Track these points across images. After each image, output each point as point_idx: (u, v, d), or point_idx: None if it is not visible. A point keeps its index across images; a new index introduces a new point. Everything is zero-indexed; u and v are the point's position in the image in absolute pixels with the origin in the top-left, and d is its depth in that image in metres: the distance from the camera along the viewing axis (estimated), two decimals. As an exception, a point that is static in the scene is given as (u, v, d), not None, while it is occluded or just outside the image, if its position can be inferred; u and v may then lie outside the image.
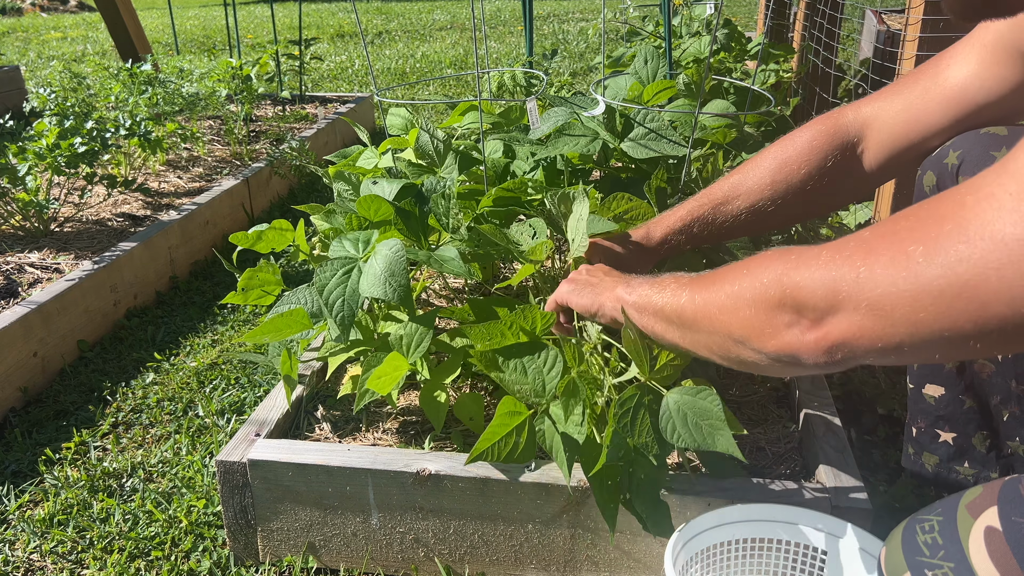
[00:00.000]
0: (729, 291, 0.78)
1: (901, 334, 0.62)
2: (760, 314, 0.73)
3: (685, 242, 1.21)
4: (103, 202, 2.59)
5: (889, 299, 0.61)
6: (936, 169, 0.98)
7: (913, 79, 1.05)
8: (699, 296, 0.83)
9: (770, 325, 0.72)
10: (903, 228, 0.62)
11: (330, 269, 1.19)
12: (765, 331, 0.73)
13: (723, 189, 1.18)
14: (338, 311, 1.17)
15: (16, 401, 1.76)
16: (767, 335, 0.73)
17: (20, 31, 8.57)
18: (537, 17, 8.58)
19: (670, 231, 1.20)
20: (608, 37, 3.52)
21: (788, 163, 1.12)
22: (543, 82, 2.20)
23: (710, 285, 0.83)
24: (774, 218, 1.16)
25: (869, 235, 0.65)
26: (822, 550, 1.05)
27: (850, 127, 1.09)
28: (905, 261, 0.60)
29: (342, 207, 1.44)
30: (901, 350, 0.63)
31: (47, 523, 1.40)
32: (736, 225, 1.17)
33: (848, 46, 3.16)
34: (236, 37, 4.03)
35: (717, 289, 0.81)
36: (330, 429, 1.37)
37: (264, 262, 1.39)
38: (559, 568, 1.21)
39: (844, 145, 1.09)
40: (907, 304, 0.60)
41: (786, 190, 1.12)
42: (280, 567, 1.27)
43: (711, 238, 1.21)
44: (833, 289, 0.65)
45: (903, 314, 0.60)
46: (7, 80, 4.11)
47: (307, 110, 3.87)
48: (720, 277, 0.82)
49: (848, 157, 1.09)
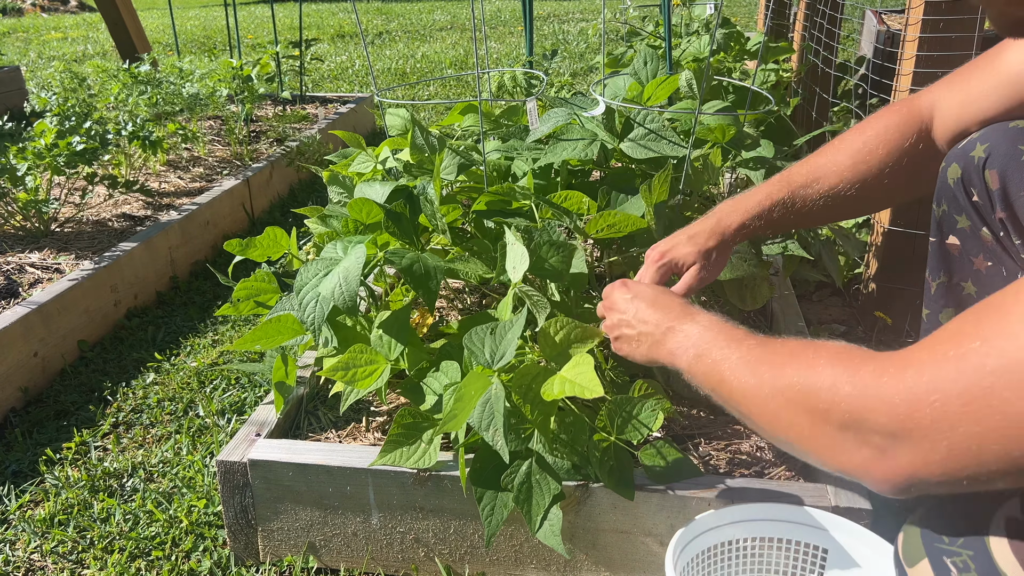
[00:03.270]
0: (784, 396, 0.73)
1: (971, 468, 0.58)
2: (824, 436, 0.68)
3: (763, 227, 1.15)
4: (103, 202, 2.59)
5: (970, 440, 0.57)
6: (962, 162, 0.96)
7: (975, 63, 1.03)
8: (751, 384, 0.78)
9: (836, 447, 0.68)
10: (970, 351, 0.58)
11: (311, 271, 1.20)
12: (829, 451, 0.69)
13: (802, 172, 1.14)
14: (310, 313, 1.17)
15: (17, 401, 1.76)
16: (834, 456, 0.69)
17: (21, 31, 8.57)
18: (537, 17, 8.58)
19: (748, 216, 1.14)
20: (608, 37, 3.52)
21: (868, 144, 1.09)
22: (543, 82, 2.20)
23: (761, 374, 0.77)
24: (854, 202, 1.12)
25: (927, 357, 0.61)
26: (823, 549, 1.05)
27: (924, 110, 1.07)
28: (984, 396, 0.56)
29: (335, 211, 1.44)
30: (968, 481, 0.59)
31: (48, 523, 1.40)
32: (815, 209, 1.13)
33: (848, 46, 3.16)
34: (236, 37, 4.03)
35: (772, 386, 0.75)
36: (331, 429, 1.37)
37: (259, 271, 1.39)
38: (559, 568, 1.21)
39: (920, 128, 1.07)
40: (988, 442, 0.56)
41: (866, 171, 1.09)
42: (280, 567, 1.27)
43: (789, 223, 1.16)
44: (904, 424, 0.61)
45: (985, 450, 0.57)
46: (7, 80, 4.11)
47: (307, 110, 3.87)
48: (769, 365, 0.77)
49: (925, 140, 1.07)
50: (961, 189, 0.94)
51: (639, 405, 1.14)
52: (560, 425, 1.14)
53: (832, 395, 0.67)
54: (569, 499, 1.15)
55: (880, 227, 1.83)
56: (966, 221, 0.95)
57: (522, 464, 1.12)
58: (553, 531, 1.10)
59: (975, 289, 0.97)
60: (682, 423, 1.36)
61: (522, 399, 1.08)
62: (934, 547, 0.69)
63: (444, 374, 1.22)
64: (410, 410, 1.18)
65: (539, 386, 1.08)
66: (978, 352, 0.56)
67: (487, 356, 1.09)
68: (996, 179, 0.89)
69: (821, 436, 0.68)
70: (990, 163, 0.91)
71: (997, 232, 0.92)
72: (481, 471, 1.13)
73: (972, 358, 0.57)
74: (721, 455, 1.29)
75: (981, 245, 0.94)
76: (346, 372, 1.20)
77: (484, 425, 1.04)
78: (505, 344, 1.09)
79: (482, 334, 1.10)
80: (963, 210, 0.95)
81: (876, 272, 1.86)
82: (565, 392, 1.04)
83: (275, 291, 1.39)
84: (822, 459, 0.70)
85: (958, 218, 0.96)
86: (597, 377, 1.04)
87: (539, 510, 1.10)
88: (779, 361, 0.76)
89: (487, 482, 1.12)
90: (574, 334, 1.14)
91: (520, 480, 1.11)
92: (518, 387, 1.08)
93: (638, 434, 1.13)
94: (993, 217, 0.91)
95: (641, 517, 1.15)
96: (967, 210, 0.95)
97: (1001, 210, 0.90)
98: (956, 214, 0.96)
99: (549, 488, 1.11)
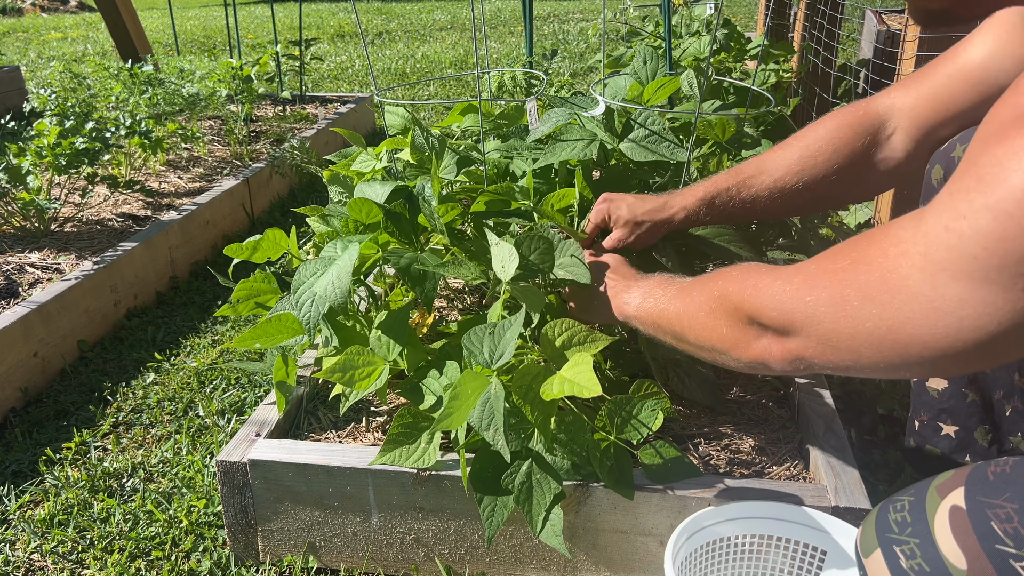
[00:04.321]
0: (707, 307, 0.91)
1: (847, 359, 0.72)
2: (735, 330, 0.86)
3: (706, 215, 1.23)
4: (103, 202, 2.59)
5: (834, 334, 0.72)
6: (944, 163, 0.98)
7: (935, 65, 1.06)
8: (684, 307, 0.96)
9: (743, 339, 0.85)
10: (840, 269, 0.72)
11: (308, 271, 1.20)
12: (739, 344, 0.85)
13: (751, 165, 1.20)
14: (306, 312, 1.18)
15: (16, 401, 1.76)
16: (741, 347, 0.85)
17: (20, 31, 8.57)
18: (537, 17, 8.58)
19: (692, 200, 1.23)
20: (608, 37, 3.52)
21: (818, 140, 1.14)
22: (543, 82, 2.20)
23: (693, 296, 0.95)
24: (800, 198, 1.17)
25: (815, 269, 0.76)
26: (821, 550, 1.05)
27: (880, 113, 1.11)
28: (843, 304, 0.71)
29: (335, 211, 1.44)
30: (850, 370, 0.74)
31: (47, 523, 1.40)
32: (760, 202, 1.19)
33: (848, 46, 3.16)
34: (236, 37, 4.03)
35: (699, 303, 0.93)
36: (331, 429, 1.37)
37: (259, 272, 1.39)
38: (559, 568, 1.21)
39: (873, 130, 1.10)
40: (848, 339, 0.71)
41: (813, 168, 1.14)
42: (280, 567, 1.27)
43: (735, 214, 1.22)
44: (789, 318, 0.77)
45: (847, 345, 0.71)
46: (7, 80, 4.11)
47: (307, 110, 3.87)
48: (699, 289, 0.95)
49: (878, 143, 1.11)
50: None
51: (639, 405, 1.14)
52: (560, 425, 1.14)
53: (740, 297, 0.84)
54: (569, 499, 1.15)
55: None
56: None
57: (522, 464, 1.12)
58: (555, 532, 1.10)
59: None
60: (682, 423, 1.36)
61: (522, 399, 1.08)
62: (885, 536, 0.73)
63: (444, 374, 1.22)
64: (410, 410, 1.18)
65: (539, 386, 1.08)
66: (845, 270, 0.71)
67: (486, 356, 1.09)
68: None
69: (733, 331, 0.85)
70: None
71: None
72: (481, 472, 1.13)
73: (840, 275, 0.72)
74: (721, 455, 1.29)
75: None
76: (344, 373, 1.20)
77: (485, 425, 1.04)
78: (504, 344, 1.09)
79: (481, 334, 1.11)
80: None
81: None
82: (564, 392, 1.04)
83: (274, 292, 1.39)
84: (736, 353, 0.86)
85: None
86: (596, 377, 1.04)
87: (540, 510, 1.10)
88: (704, 281, 0.95)
89: (487, 482, 1.12)
90: (577, 337, 1.14)
91: (520, 480, 1.11)
92: (518, 387, 1.08)
93: (638, 434, 1.13)
94: None
95: (641, 517, 1.15)
96: None
97: None
98: None
99: (550, 488, 1.11)
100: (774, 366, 0.81)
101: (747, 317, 0.83)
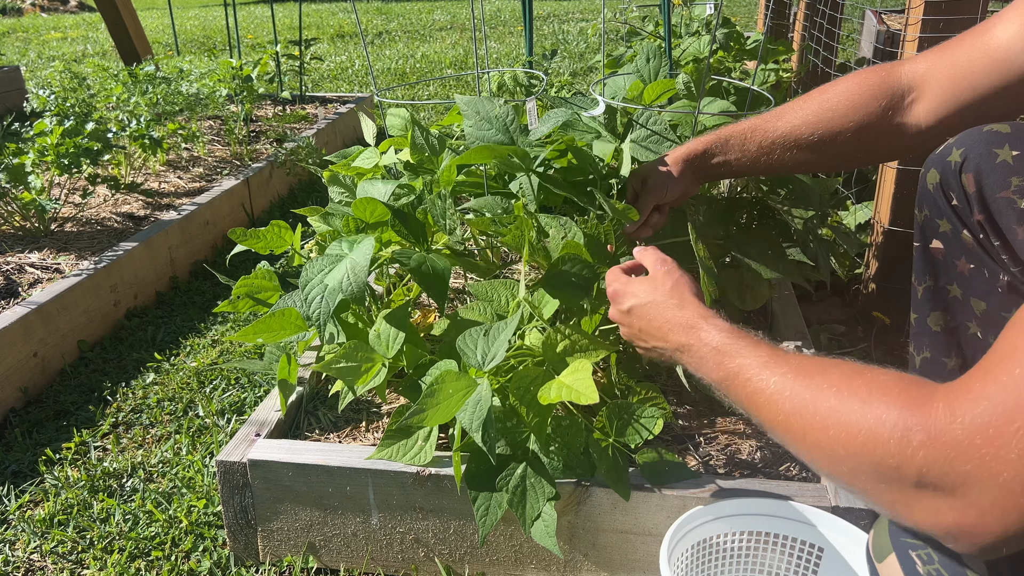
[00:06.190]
0: (842, 436, 0.64)
1: None
2: (895, 492, 0.60)
3: (724, 153, 1.21)
4: (103, 202, 2.59)
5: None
6: (940, 167, 0.98)
7: (962, 38, 1.03)
8: (799, 402, 0.70)
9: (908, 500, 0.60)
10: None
11: (316, 267, 1.20)
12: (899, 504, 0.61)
13: (770, 114, 1.18)
14: (316, 308, 1.17)
15: (16, 401, 1.76)
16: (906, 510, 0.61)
17: (20, 31, 8.57)
18: (537, 17, 8.58)
19: (700, 143, 1.23)
20: (608, 37, 3.52)
21: (838, 95, 1.12)
22: (543, 82, 2.20)
23: (822, 400, 0.68)
24: (817, 151, 1.15)
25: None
26: (819, 548, 1.05)
27: (903, 79, 1.08)
28: None
29: (337, 210, 1.44)
30: None
31: (47, 523, 1.40)
32: (776, 150, 1.17)
33: (848, 46, 3.16)
34: (236, 37, 4.03)
35: (824, 410, 0.67)
36: (330, 429, 1.37)
37: (260, 268, 1.39)
38: (559, 568, 1.21)
39: (893, 93, 1.08)
40: None
41: (830, 122, 1.12)
42: (280, 567, 1.27)
43: (746, 166, 1.21)
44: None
45: None
46: (7, 80, 4.11)
47: (307, 110, 3.87)
48: (829, 390, 0.67)
49: (897, 107, 1.08)
50: (940, 194, 0.96)
51: (639, 410, 1.14)
52: (556, 428, 1.14)
53: (903, 446, 0.59)
54: (569, 500, 1.15)
55: (880, 227, 1.83)
56: (947, 225, 0.97)
57: (517, 467, 1.12)
58: (548, 531, 1.10)
59: (960, 291, 0.98)
60: (682, 423, 1.36)
61: (519, 401, 1.08)
62: (900, 541, 0.71)
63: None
64: (408, 407, 1.18)
65: (537, 389, 1.09)
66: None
67: (478, 357, 1.09)
68: (972, 182, 0.91)
69: (890, 493, 0.61)
70: (966, 167, 0.93)
71: (977, 234, 0.93)
72: (476, 472, 1.13)
73: None
74: (720, 455, 1.29)
75: (963, 248, 0.96)
76: (343, 369, 1.20)
77: (475, 426, 1.03)
78: (497, 346, 1.09)
79: (475, 335, 1.11)
80: (943, 214, 0.97)
81: (876, 272, 1.86)
82: (562, 397, 1.04)
83: (275, 289, 1.38)
84: (898, 516, 0.63)
85: (939, 222, 0.98)
86: (594, 384, 1.04)
87: (533, 512, 1.10)
88: (825, 390, 0.67)
89: (482, 483, 1.12)
90: (579, 344, 1.14)
91: (515, 483, 1.11)
92: (516, 389, 1.08)
93: (638, 437, 1.13)
94: (972, 220, 0.93)
95: (641, 517, 1.15)
96: (947, 214, 0.96)
97: (979, 212, 0.91)
98: (937, 218, 0.98)
99: (544, 491, 1.11)
100: (972, 550, 0.59)
101: (918, 478, 0.59)
